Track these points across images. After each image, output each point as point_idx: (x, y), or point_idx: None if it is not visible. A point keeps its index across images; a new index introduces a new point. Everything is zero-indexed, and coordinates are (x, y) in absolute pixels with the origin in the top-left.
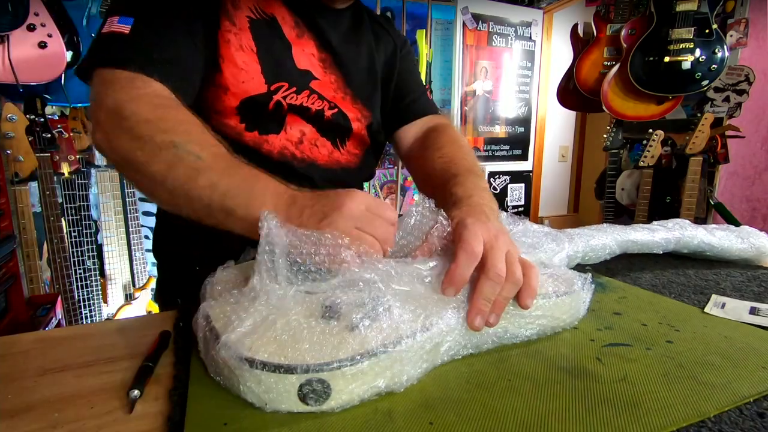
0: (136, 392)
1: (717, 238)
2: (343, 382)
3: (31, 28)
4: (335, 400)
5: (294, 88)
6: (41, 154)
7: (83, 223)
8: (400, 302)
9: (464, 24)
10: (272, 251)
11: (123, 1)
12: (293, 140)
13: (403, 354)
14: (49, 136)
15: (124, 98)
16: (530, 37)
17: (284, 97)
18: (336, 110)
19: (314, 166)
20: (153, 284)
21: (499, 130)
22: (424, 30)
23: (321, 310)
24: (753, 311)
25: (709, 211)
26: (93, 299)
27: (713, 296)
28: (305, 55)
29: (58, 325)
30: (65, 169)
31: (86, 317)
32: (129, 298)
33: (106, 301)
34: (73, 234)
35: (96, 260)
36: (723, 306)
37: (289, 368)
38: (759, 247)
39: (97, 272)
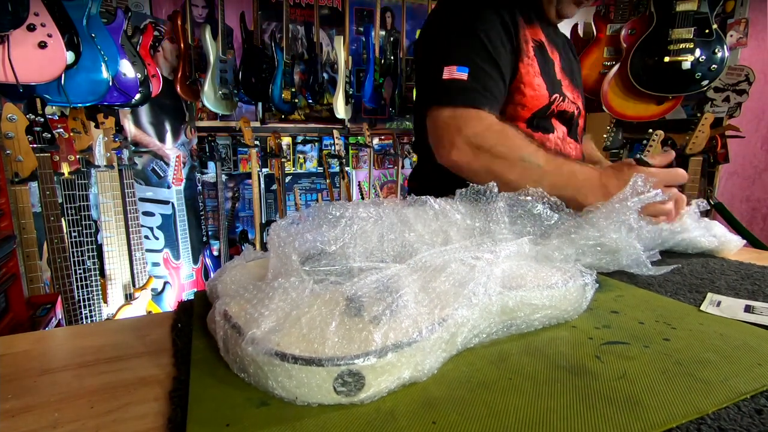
0: None
1: (681, 230)
2: (373, 374)
3: (31, 28)
4: (365, 391)
5: (561, 97)
6: (41, 154)
7: (83, 223)
8: (415, 295)
9: None
10: (285, 248)
11: (455, 54)
12: (560, 137)
13: (427, 345)
14: (49, 136)
15: (479, 130)
16: None
17: (557, 106)
18: (577, 109)
19: None
20: (153, 284)
21: None
22: None
23: (343, 304)
24: (748, 309)
25: (709, 211)
26: (93, 299)
27: (709, 294)
28: (557, 66)
29: (58, 325)
30: (65, 169)
31: (86, 317)
32: (129, 298)
33: (106, 301)
34: (73, 234)
35: (96, 260)
36: (718, 304)
37: (322, 361)
38: (720, 237)
39: (97, 272)
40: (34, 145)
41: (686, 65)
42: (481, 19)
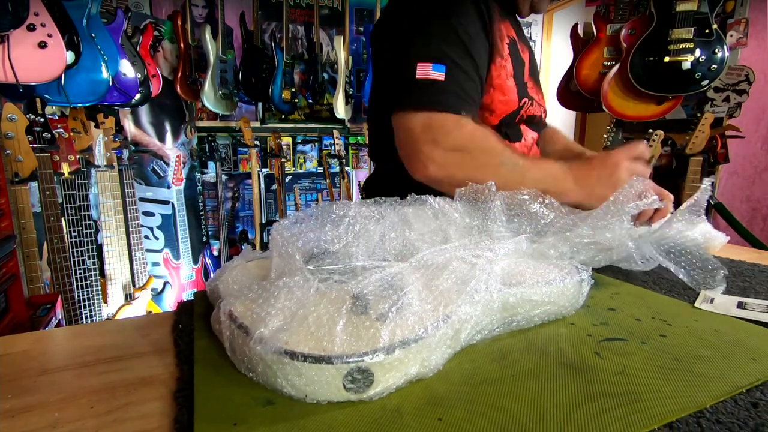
0: None
1: (673, 230)
2: (382, 370)
3: (31, 28)
4: (373, 388)
5: (530, 101)
6: (41, 154)
7: (83, 223)
8: (419, 293)
9: None
10: (289, 247)
11: (430, 49)
12: (528, 145)
13: (432, 341)
14: (49, 136)
15: (459, 141)
16: (530, 37)
17: (527, 111)
18: (543, 111)
19: None
20: (153, 284)
21: None
22: None
23: (349, 302)
24: (740, 305)
25: (709, 211)
26: (93, 299)
27: (702, 291)
28: (527, 67)
29: (58, 325)
30: (65, 169)
31: (86, 317)
32: (129, 298)
33: (106, 301)
34: (73, 234)
35: (96, 260)
36: (712, 301)
37: (331, 359)
38: (705, 233)
39: (97, 272)
40: (34, 145)
41: (686, 65)
42: (456, 4)
